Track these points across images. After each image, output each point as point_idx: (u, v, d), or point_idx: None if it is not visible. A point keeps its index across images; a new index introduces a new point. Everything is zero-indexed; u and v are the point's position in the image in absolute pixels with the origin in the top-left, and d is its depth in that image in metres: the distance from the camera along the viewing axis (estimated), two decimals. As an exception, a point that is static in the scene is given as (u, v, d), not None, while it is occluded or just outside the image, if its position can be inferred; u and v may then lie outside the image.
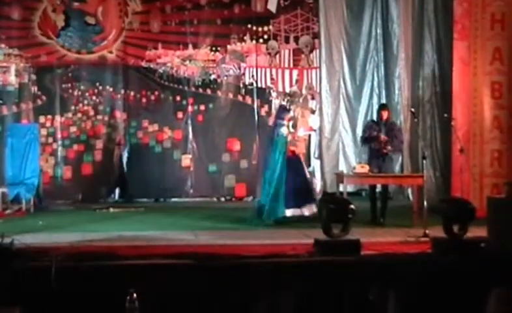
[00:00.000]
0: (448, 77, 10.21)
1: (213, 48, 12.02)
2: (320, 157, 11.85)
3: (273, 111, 11.07)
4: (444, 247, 6.28)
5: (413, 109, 9.73)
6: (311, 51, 12.21)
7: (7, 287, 5.20)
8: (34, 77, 11.60)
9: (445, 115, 9.75)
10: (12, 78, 11.51)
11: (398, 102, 11.60)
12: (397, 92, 11.63)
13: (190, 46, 11.98)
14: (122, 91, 11.85)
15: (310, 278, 5.67)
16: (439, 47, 10.71)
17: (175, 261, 5.89)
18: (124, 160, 11.83)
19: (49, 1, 11.61)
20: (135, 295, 4.69)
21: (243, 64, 12.10)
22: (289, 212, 8.86)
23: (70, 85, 11.75)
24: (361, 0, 11.94)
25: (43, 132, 11.48)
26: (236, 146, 12.01)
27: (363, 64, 12.00)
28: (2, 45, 11.47)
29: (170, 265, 5.81)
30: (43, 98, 11.67)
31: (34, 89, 11.62)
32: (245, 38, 12.07)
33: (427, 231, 7.31)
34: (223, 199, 11.93)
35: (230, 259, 6.00)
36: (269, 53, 12.17)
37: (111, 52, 11.83)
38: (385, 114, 8.96)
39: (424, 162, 8.83)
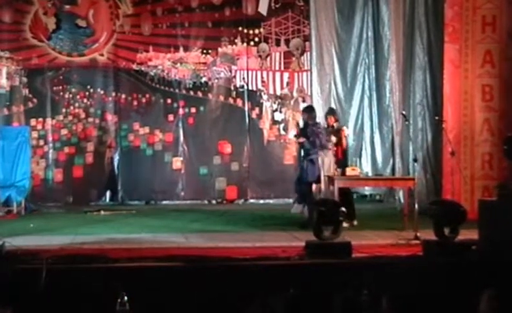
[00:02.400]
0: (439, 80, 10.25)
1: (204, 51, 12.02)
2: (311, 159, 11.84)
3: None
4: (435, 250, 6.30)
5: (404, 112, 9.77)
6: (302, 54, 12.23)
7: (-2, 289, 5.19)
8: (25, 80, 11.57)
9: (436, 118, 9.78)
10: (3, 81, 11.48)
11: (389, 104, 11.62)
12: (387, 94, 11.64)
13: (181, 49, 11.97)
14: (113, 94, 11.83)
15: (301, 281, 5.67)
16: (430, 50, 10.73)
17: (166, 263, 5.89)
18: (115, 162, 11.80)
19: (41, 4, 11.58)
20: (125, 297, 4.68)
21: (234, 67, 12.10)
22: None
23: (61, 87, 11.72)
24: (352, 3, 11.95)
25: (35, 134, 11.46)
26: (227, 148, 12.00)
27: (354, 67, 12.00)
28: (-6, 48, 11.47)
29: (161, 268, 5.81)
30: (35, 100, 11.64)
31: (26, 91, 11.60)
32: (236, 40, 12.07)
33: (418, 234, 7.33)
34: (214, 201, 11.92)
35: (221, 261, 6.00)
36: (260, 56, 12.18)
37: (102, 55, 11.81)
38: (304, 116, 9.28)
39: (415, 164, 8.88)
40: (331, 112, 9.64)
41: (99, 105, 11.82)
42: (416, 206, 7.91)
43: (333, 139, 9.11)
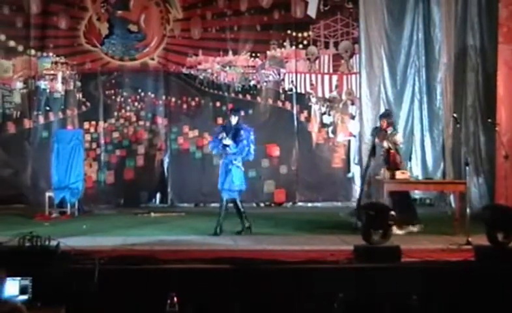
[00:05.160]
0: (492, 82, 10.02)
1: (253, 54, 12.06)
2: (360, 163, 11.74)
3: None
4: (488, 255, 6.17)
5: (455, 115, 9.60)
6: (351, 57, 12.14)
7: (53, 288, 5.33)
8: (79, 84, 11.85)
9: (489, 120, 9.56)
10: (59, 85, 11.79)
11: (440, 107, 11.44)
12: (438, 97, 11.46)
13: (230, 52, 12.05)
14: (163, 97, 11.99)
15: (350, 285, 5.65)
16: (483, 51, 10.48)
17: (214, 265, 5.95)
18: (165, 165, 11.96)
19: (94, 10, 11.85)
20: (175, 298, 4.76)
21: (282, 70, 12.10)
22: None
23: (113, 91, 11.95)
24: (402, 5, 11.80)
25: (88, 137, 11.69)
26: (276, 151, 12.01)
27: (404, 69, 11.85)
28: (50, 54, 11.77)
29: (209, 270, 5.87)
30: (88, 104, 11.91)
31: (79, 95, 11.87)
32: (284, 43, 12.08)
33: (470, 239, 7.18)
34: (262, 204, 11.95)
35: (269, 264, 6.02)
36: (308, 59, 12.15)
37: (152, 59, 12.00)
38: (235, 118, 8.83)
39: (467, 168, 8.69)
40: (384, 115, 9.44)
41: (150, 108, 12.01)
42: (468, 210, 7.75)
43: (385, 144, 8.98)
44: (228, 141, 8.53)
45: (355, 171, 11.90)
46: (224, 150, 8.61)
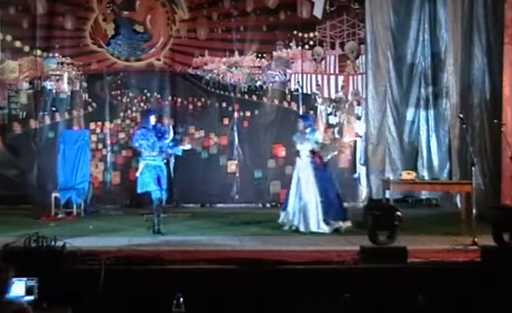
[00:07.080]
0: (498, 82, 10.02)
1: (259, 55, 12.07)
2: (366, 163, 11.77)
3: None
4: (494, 256, 6.17)
5: (461, 115, 9.59)
6: (357, 57, 12.13)
7: (59, 289, 5.35)
8: (85, 84, 11.87)
9: (495, 121, 9.55)
10: (65, 86, 11.82)
11: (446, 107, 11.46)
12: (444, 97, 11.47)
13: (236, 53, 12.06)
14: (170, 98, 12.01)
15: (356, 285, 5.65)
16: (489, 52, 10.49)
17: (221, 266, 5.96)
18: (171, 165, 11.95)
19: (100, 11, 11.88)
20: (181, 299, 4.77)
21: (288, 71, 12.11)
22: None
23: (119, 92, 11.97)
24: (408, 5, 11.80)
25: (94, 138, 11.70)
26: (282, 152, 12.01)
27: (410, 70, 11.85)
28: (56, 54, 11.79)
29: (215, 270, 5.88)
30: (94, 105, 11.93)
31: (85, 96, 11.89)
32: (290, 44, 12.08)
33: (476, 240, 7.18)
34: (268, 205, 11.95)
35: (275, 264, 6.02)
36: (314, 59, 12.15)
37: (158, 59, 12.02)
38: (153, 119, 8.94)
39: (473, 168, 8.69)
40: (300, 117, 9.68)
41: (156, 109, 11.99)
42: (474, 211, 7.75)
43: (299, 146, 9.01)
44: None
45: (361, 171, 11.90)
46: (159, 151, 8.82)
